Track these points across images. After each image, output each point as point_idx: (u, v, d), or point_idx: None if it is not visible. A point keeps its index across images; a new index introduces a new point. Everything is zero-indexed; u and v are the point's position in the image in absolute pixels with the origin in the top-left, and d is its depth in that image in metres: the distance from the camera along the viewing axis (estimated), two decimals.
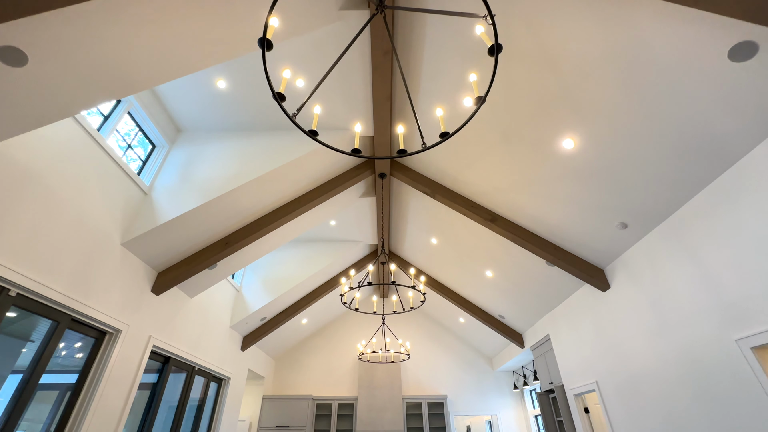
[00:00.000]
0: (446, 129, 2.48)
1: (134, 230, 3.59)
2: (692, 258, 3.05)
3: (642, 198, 3.32)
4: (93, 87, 2.36)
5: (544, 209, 4.09)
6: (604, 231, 3.84)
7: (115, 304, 3.43)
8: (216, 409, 5.68)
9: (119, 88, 2.46)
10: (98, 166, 3.24)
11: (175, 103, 4.03)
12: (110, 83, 2.40)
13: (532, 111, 3.27)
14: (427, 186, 4.79)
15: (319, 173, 4.61)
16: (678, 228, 3.20)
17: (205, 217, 3.94)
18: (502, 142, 3.70)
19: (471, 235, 5.37)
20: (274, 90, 1.52)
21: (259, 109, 4.01)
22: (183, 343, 4.60)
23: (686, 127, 2.69)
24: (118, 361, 3.47)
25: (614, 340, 4.11)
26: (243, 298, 6.25)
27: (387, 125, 3.92)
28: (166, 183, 3.95)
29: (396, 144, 4.53)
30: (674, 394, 3.23)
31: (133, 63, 2.36)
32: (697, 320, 2.99)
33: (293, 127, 4.24)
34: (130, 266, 3.64)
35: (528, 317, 6.19)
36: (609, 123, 2.98)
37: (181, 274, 4.14)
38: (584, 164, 3.39)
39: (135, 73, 2.42)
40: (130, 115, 3.79)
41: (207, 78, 3.66)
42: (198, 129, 4.36)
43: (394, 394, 7.70)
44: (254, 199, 4.21)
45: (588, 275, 4.26)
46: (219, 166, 4.03)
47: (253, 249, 4.95)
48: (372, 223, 6.42)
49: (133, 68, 2.39)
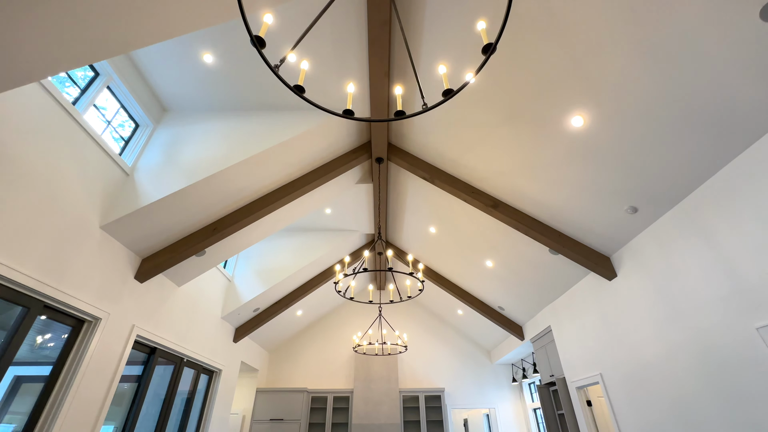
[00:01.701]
0: (446, 99, 2.24)
1: (114, 212, 3.37)
2: (708, 242, 2.86)
3: (655, 179, 3.13)
4: (59, 48, 2.13)
5: (549, 194, 3.90)
6: (613, 216, 3.65)
7: (94, 290, 3.23)
8: (207, 402, 5.50)
9: (90, 51, 2.23)
10: (74, 142, 3.02)
11: (160, 81, 3.79)
12: (79, 45, 2.17)
13: (538, 86, 3.06)
14: (426, 171, 4.59)
15: (313, 157, 4.40)
16: (693, 211, 3.01)
17: (191, 200, 3.72)
18: (506, 122, 3.50)
19: (471, 223, 5.18)
20: (252, 33, 1.30)
21: (248, 87, 3.78)
22: (170, 334, 4.40)
23: (707, 99, 2.49)
24: (98, 350, 3.27)
25: (620, 330, 3.94)
26: (235, 289, 6.05)
27: (384, 87, 3.51)
28: (149, 164, 3.73)
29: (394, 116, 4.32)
30: (685, 384, 3.06)
31: (105, 22, 2.13)
32: (713, 307, 2.82)
33: (285, 107, 4.01)
34: (111, 251, 3.43)
35: (528, 308, 6.03)
36: (622, 96, 2.77)
37: (167, 260, 3.94)
38: (593, 144, 3.19)
39: (109, 34, 2.19)
40: (110, 90, 3.56)
41: (193, 52, 3.42)
42: (185, 108, 4.13)
43: (391, 387, 7.55)
44: (244, 182, 4.00)
45: (594, 263, 4.08)
46: (206, 147, 3.82)
47: (244, 236, 4.74)
48: (369, 211, 6.22)
49: (106, 28, 2.16)
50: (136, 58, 3.58)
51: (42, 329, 2.88)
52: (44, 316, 2.85)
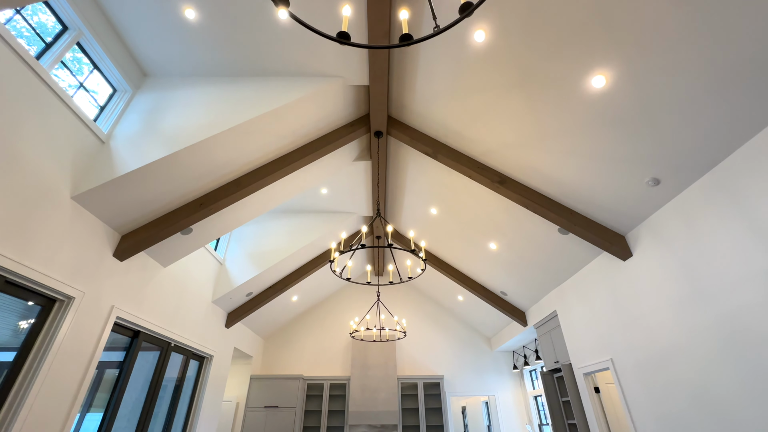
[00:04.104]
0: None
1: (88, 182, 3.07)
2: (743, 214, 2.60)
3: (683, 146, 2.84)
4: None
5: (561, 167, 3.62)
6: (631, 190, 3.38)
7: (66, 267, 2.94)
8: (197, 389, 5.27)
9: None
10: (38, 102, 2.70)
11: (139, 42, 3.45)
12: None
13: (556, 41, 2.75)
14: (428, 145, 4.29)
15: (307, 128, 4.09)
16: (726, 179, 2.73)
17: (174, 172, 3.42)
18: (518, 86, 3.19)
19: (475, 203, 4.90)
20: None
21: (236, 49, 3.45)
22: (155, 317, 4.13)
23: (750, 46, 2.20)
24: (72, 332, 3.00)
25: (635, 313, 3.70)
26: (227, 272, 5.78)
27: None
28: (127, 131, 3.41)
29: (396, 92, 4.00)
30: (709, 370, 2.83)
31: None
32: (747, 285, 2.56)
33: (276, 72, 3.68)
34: (84, 224, 3.13)
35: (533, 293, 5.79)
36: (652, 49, 2.47)
37: (149, 237, 3.65)
38: (615, 107, 2.90)
39: None
40: (82, 48, 3.22)
41: (172, 6, 3.08)
42: (167, 74, 3.79)
43: (389, 374, 7.36)
44: (232, 154, 3.69)
45: (608, 242, 3.82)
46: (190, 114, 3.50)
47: (234, 213, 4.45)
48: (367, 192, 5.92)
49: None
50: (111, 13, 3.24)
51: (5, 308, 2.59)
52: (6, 293, 2.57)
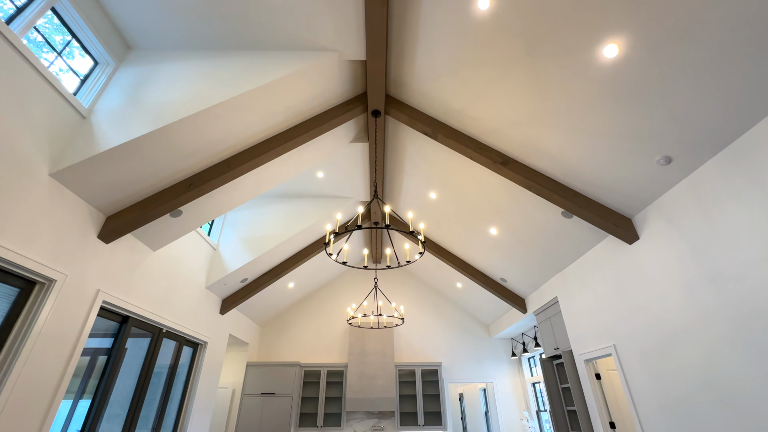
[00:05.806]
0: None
1: (67, 159, 2.89)
2: (762, 191, 2.45)
3: (698, 121, 2.69)
4: None
5: (567, 146, 3.46)
6: (641, 169, 3.23)
7: (45, 248, 2.78)
8: (191, 375, 5.18)
9: None
10: (10, 72, 2.51)
11: (122, 11, 3.24)
12: None
13: (566, 7, 2.56)
14: (427, 125, 4.11)
15: (301, 106, 3.90)
16: (745, 156, 2.58)
17: (160, 149, 3.24)
18: (524, 57, 3.01)
19: (475, 186, 4.74)
20: None
21: (225, 20, 3.24)
22: (145, 302, 4.00)
23: None
24: (54, 317, 2.86)
25: (640, 298, 3.59)
26: (221, 257, 5.63)
27: None
28: (110, 106, 3.22)
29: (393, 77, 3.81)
30: (720, 355, 2.72)
31: None
32: (762, 266, 2.43)
33: (268, 45, 3.47)
34: (65, 204, 2.97)
35: (533, 279, 5.69)
36: (671, 13, 2.30)
37: (137, 218, 3.49)
38: (627, 79, 2.73)
39: None
40: (57, 14, 3.01)
41: None
42: (152, 47, 3.58)
43: (387, 361, 7.30)
44: (221, 132, 3.51)
45: (614, 225, 3.69)
46: (177, 89, 3.31)
47: (225, 195, 4.28)
48: (364, 176, 5.75)
49: None
50: None
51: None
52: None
